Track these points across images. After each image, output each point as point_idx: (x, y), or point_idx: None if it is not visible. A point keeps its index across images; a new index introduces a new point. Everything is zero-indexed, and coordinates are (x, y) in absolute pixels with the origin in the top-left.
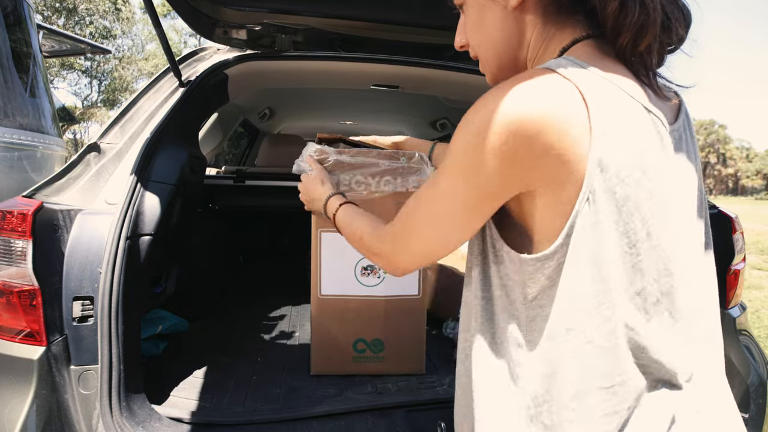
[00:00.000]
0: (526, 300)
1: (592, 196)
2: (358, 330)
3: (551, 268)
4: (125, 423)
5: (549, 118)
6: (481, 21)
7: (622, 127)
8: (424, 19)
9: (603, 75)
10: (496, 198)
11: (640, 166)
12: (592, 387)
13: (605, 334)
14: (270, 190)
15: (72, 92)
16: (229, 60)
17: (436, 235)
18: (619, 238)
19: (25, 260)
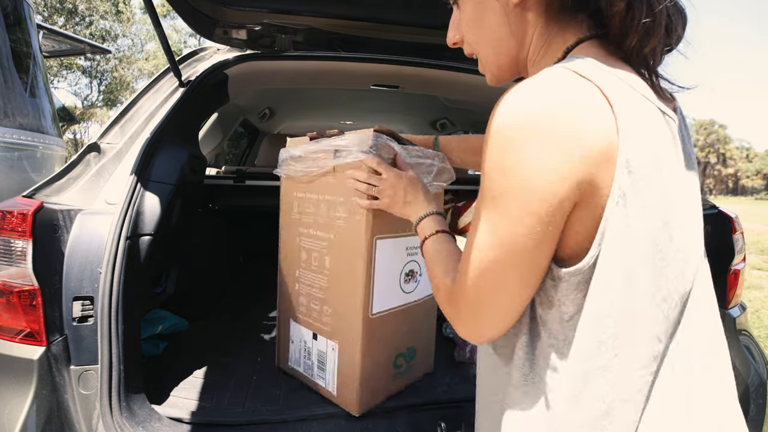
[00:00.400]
0: (562, 320)
1: (622, 200)
2: (399, 344)
3: (586, 283)
4: (125, 423)
5: (581, 114)
6: (479, 18)
7: (643, 128)
8: (424, 19)
9: (617, 74)
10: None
11: (660, 168)
12: (618, 399)
13: (631, 344)
14: (270, 190)
15: (72, 92)
16: (229, 60)
17: (510, 282)
18: (647, 243)
19: (25, 260)
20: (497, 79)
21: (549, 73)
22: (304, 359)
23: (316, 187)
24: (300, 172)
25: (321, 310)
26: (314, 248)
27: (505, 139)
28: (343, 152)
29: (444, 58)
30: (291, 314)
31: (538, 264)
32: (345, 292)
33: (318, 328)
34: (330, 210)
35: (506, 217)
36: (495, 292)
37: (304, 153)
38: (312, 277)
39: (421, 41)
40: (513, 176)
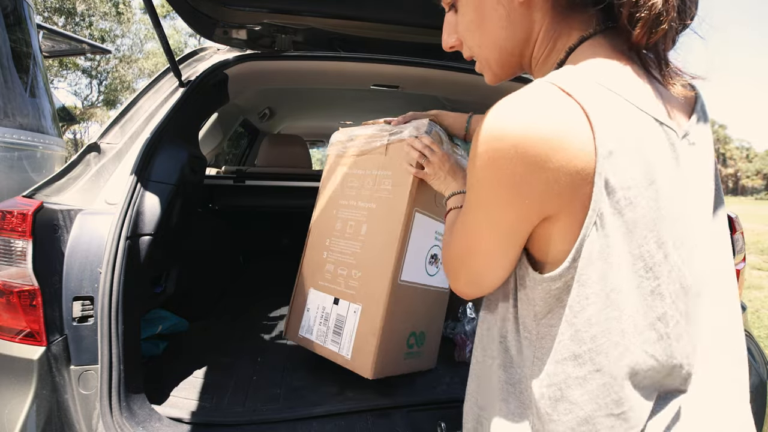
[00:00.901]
0: (536, 317)
1: (599, 221)
2: (414, 322)
3: (558, 289)
4: (125, 423)
5: (554, 140)
6: (482, 19)
7: (629, 145)
8: (424, 19)
9: (610, 87)
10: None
11: (652, 186)
12: (600, 414)
13: (614, 361)
14: (270, 190)
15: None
16: (229, 60)
17: (476, 266)
18: (633, 263)
19: (25, 260)
20: (498, 78)
21: (533, 89)
22: (319, 325)
23: (364, 163)
24: (352, 149)
25: (349, 275)
26: (351, 217)
27: (481, 157)
28: (397, 133)
29: (444, 58)
30: (312, 282)
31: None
32: (378, 256)
33: (341, 292)
34: (375, 183)
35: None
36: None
37: (358, 134)
38: (344, 244)
39: (421, 41)
40: (484, 190)
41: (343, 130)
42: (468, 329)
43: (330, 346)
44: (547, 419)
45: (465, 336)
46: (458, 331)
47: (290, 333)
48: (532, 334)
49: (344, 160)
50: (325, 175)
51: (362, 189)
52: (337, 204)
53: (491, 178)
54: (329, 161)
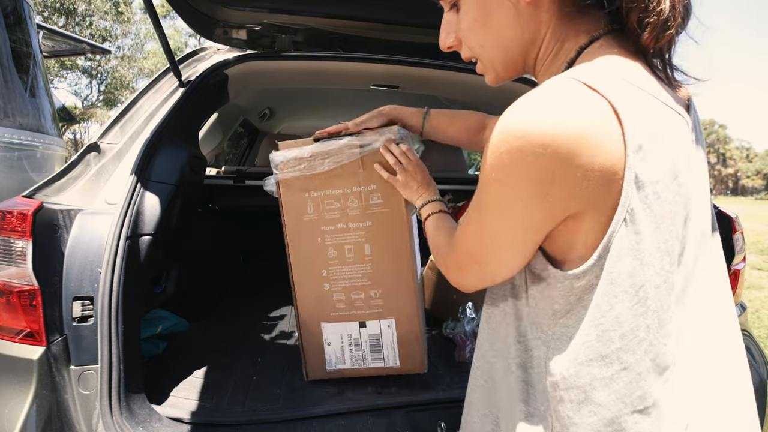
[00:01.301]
0: (555, 316)
1: (630, 216)
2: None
3: (581, 288)
4: (125, 423)
5: (585, 136)
6: (486, 19)
7: (655, 137)
8: (424, 19)
9: (630, 80)
10: (543, 228)
11: (675, 177)
12: (626, 412)
13: (640, 357)
14: None
15: (72, 92)
16: (229, 60)
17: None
18: (660, 258)
19: (25, 260)
20: (500, 79)
21: (557, 85)
22: (351, 353)
23: (338, 182)
24: (313, 170)
25: (368, 296)
26: (346, 241)
27: (502, 156)
28: (368, 144)
29: (444, 58)
30: (321, 317)
31: (517, 254)
32: (394, 270)
33: (365, 315)
34: (362, 200)
35: (494, 220)
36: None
37: (317, 152)
38: (348, 270)
39: (421, 41)
40: (506, 190)
41: (286, 150)
42: (468, 329)
43: (373, 365)
44: (568, 422)
45: (465, 336)
46: (458, 331)
47: (315, 372)
48: (547, 335)
49: (307, 183)
50: (286, 206)
51: (348, 209)
52: (319, 231)
53: (515, 177)
54: (281, 189)
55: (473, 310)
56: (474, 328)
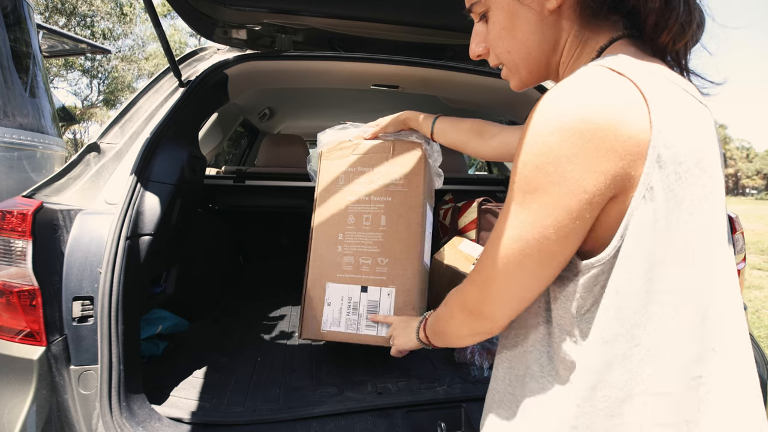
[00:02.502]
0: (579, 313)
1: (649, 194)
2: (424, 301)
3: (605, 275)
4: (125, 423)
5: (620, 113)
6: (513, 27)
7: (679, 121)
8: (424, 19)
9: (652, 69)
10: (592, 211)
11: (698, 162)
12: (639, 390)
13: (652, 333)
14: (270, 190)
15: (72, 92)
16: (229, 60)
17: (528, 274)
18: (679, 238)
19: (24, 260)
20: (524, 84)
21: (585, 72)
22: (348, 315)
23: (369, 161)
24: (351, 149)
25: (375, 263)
26: (366, 211)
27: (543, 138)
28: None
29: (444, 58)
30: (328, 277)
31: (558, 259)
32: (403, 242)
33: (368, 280)
34: (386, 178)
35: (535, 213)
36: (509, 282)
37: (355, 135)
38: (362, 236)
39: (421, 41)
40: (549, 173)
41: (331, 130)
42: None
43: (366, 332)
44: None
45: None
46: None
47: (309, 331)
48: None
49: (343, 158)
50: (323, 173)
51: (372, 184)
52: (345, 200)
53: (557, 159)
54: (323, 159)
55: None
56: None
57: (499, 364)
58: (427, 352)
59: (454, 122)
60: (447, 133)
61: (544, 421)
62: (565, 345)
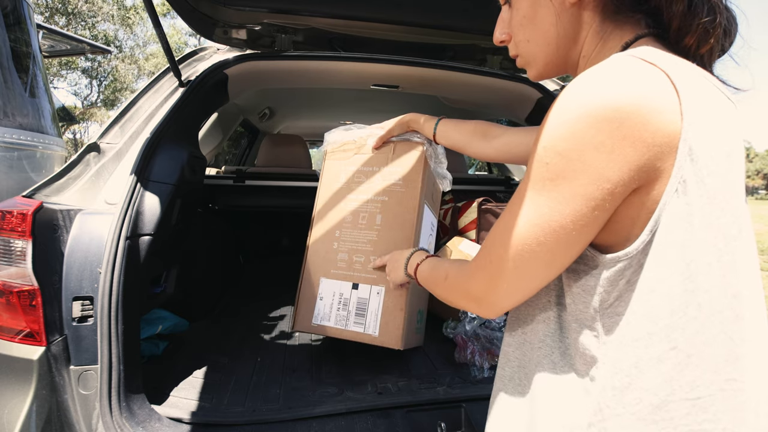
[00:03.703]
0: (601, 307)
1: (682, 187)
2: (420, 300)
3: (632, 269)
4: (125, 423)
5: (650, 101)
6: (534, 16)
7: (710, 113)
8: (424, 19)
9: (685, 63)
10: (614, 202)
11: (728, 156)
12: (675, 398)
13: (691, 337)
14: (270, 190)
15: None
16: (229, 60)
17: (540, 265)
18: (714, 234)
19: (24, 260)
20: (541, 75)
21: (617, 60)
22: (338, 311)
23: (370, 161)
24: (354, 149)
25: (367, 261)
26: (363, 209)
27: (567, 124)
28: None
29: (444, 58)
30: (323, 272)
31: (573, 248)
32: (396, 242)
33: (360, 278)
34: (385, 178)
35: (554, 199)
36: (520, 270)
37: (361, 135)
38: (357, 234)
39: (421, 41)
40: (572, 160)
41: (337, 131)
42: (469, 329)
43: (353, 328)
44: (608, 413)
45: (466, 336)
46: (459, 331)
47: (301, 324)
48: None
49: (346, 158)
50: (326, 171)
51: (371, 183)
52: (344, 198)
53: (585, 144)
54: (327, 158)
55: None
56: (475, 328)
57: (505, 364)
58: (427, 352)
59: (457, 124)
60: (449, 134)
61: (558, 420)
62: (586, 340)
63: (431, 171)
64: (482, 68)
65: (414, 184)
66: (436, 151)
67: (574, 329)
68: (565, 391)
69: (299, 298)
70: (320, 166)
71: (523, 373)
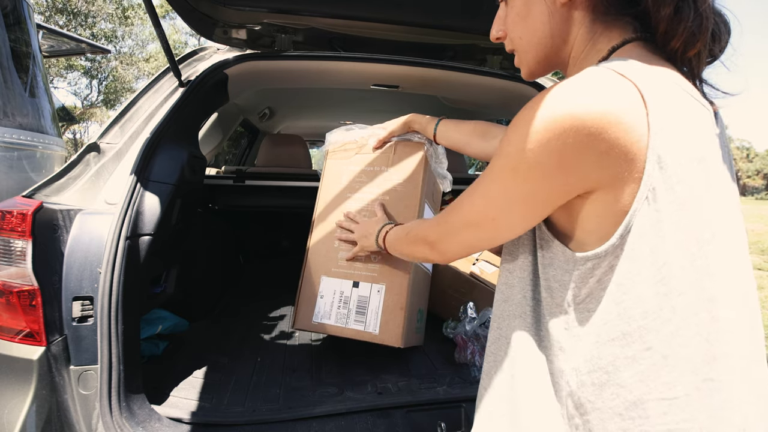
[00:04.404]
0: (574, 301)
1: (652, 194)
2: (420, 299)
3: (602, 269)
4: (125, 423)
5: (610, 114)
6: (527, 13)
7: (680, 122)
8: (424, 19)
9: (658, 71)
10: (555, 200)
11: (701, 163)
12: (651, 397)
13: (666, 339)
14: (270, 190)
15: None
16: (229, 60)
17: (485, 232)
18: (685, 239)
19: (24, 260)
20: (533, 74)
21: (588, 72)
22: (338, 309)
23: (372, 161)
24: (355, 149)
25: (367, 259)
26: (365, 208)
27: (530, 124)
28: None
29: (444, 58)
30: (324, 271)
31: (514, 230)
32: None
33: (361, 276)
34: (386, 178)
35: (505, 188)
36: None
37: (362, 135)
38: None
39: (421, 41)
40: (526, 159)
41: (339, 131)
42: (469, 329)
43: (354, 326)
44: (589, 407)
45: (465, 336)
46: (459, 331)
47: (301, 322)
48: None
49: (347, 158)
50: (327, 171)
51: (372, 183)
52: (345, 197)
53: (541, 145)
54: (328, 158)
55: (474, 310)
56: (475, 328)
57: (486, 358)
58: (427, 352)
59: (457, 124)
60: (449, 134)
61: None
62: (557, 332)
63: (432, 171)
64: (482, 68)
65: (415, 183)
66: (436, 151)
67: (547, 321)
68: (544, 383)
69: (300, 297)
70: (321, 166)
71: (502, 367)
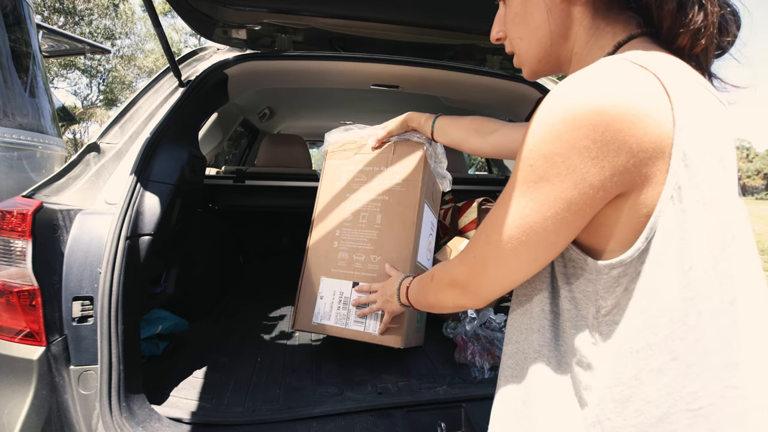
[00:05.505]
0: (599, 314)
1: (677, 194)
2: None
3: (629, 277)
4: (125, 423)
5: (637, 109)
6: (526, 13)
7: (703, 118)
8: (424, 19)
9: (675, 65)
10: (593, 205)
11: (722, 160)
12: (676, 410)
13: (690, 346)
14: (270, 190)
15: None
16: (229, 60)
17: (520, 259)
18: (709, 240)
19: (24, 260)
20: (535, 73)
21: (607, 63)
22: (338, 310)
23: (371, 160)
24: (355, 149)
25: (367, 260)
26: (364, 208)
27: (552, 127)
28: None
29: (444, 58)
30: (323, 271)
31: (553, 249)
32: (396, 241)
33: (360, 276)
34: (386, 178)
35: (537, 202)
36: (501, 266)
37: (361, 135)
38: (357, 233)
39: (421, 41)
40: (555, 163)
41: (338, 131)
42: (469, 330)
43: (354, 327)
44: (609, 426)
45: (466, 337)
46: (459, 331)
47: (301, 323)
48: (595, 336)
49: (346, 158)
50: (326, 171)
51: (372, 183)
52: (345, 197)
53: (569, 148)
54: (328, 158)
55: (474, 310)
56: (475, 328)
57: (502, 372)
58: (427, 352)
59: (454, 120)
60: (446, 131)
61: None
62: (583, 347)
63: (431, 171)
64: (482, 68)
65: (414, 183)
66: (436, 150)
67: (570, 336)
68: (562, 400)
69: (299, 297)
70: (320, 166)
71: (519, 383)
